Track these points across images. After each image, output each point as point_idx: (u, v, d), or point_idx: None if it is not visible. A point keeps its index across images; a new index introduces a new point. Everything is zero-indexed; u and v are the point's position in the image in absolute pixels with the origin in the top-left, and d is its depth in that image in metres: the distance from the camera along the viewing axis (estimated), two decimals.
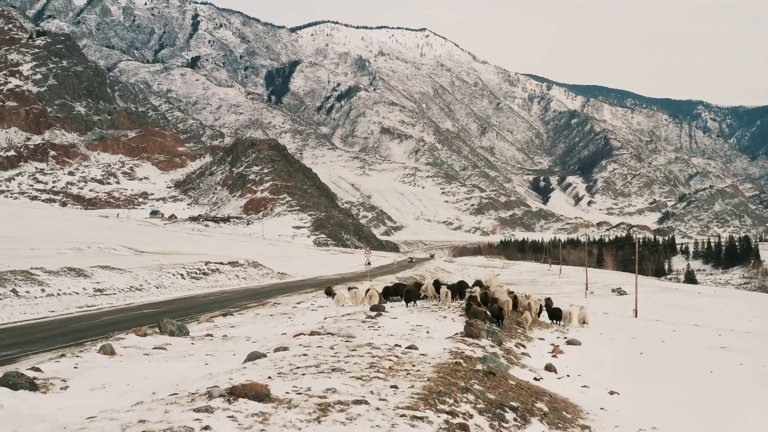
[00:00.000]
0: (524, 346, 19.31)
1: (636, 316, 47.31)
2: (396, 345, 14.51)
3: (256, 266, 66.54)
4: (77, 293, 35.27)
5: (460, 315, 22.11)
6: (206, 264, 55.29)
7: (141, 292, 40.48)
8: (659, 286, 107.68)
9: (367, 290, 29.14)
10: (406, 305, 27.49)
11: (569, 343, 21.95)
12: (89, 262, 47.13)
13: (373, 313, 21.93)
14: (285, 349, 13.22)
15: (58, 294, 34.09)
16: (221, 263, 58.75)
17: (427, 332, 17.83)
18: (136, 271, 44.01)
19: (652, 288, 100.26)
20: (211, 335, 17.81)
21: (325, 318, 22.12)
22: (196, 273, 50.99)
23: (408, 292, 28.03)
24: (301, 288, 51.67)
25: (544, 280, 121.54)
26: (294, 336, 15.36)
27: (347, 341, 14.62)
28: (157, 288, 42.73)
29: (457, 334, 16.93)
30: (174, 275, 47.07)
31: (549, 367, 15.98)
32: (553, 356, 18.55)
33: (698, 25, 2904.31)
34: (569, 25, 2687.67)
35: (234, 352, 14.18)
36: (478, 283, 35.72)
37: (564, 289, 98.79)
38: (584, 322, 29.33)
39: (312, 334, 15.56)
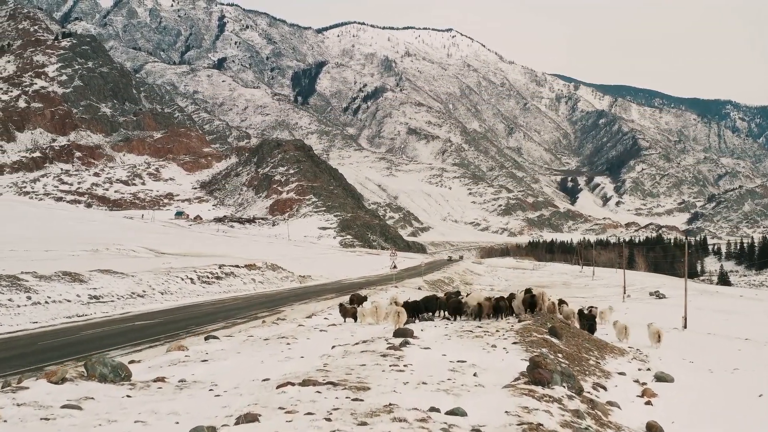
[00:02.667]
0: (604, 387, 14.10)
1: (685, 326, 42.75)
2: (432, 408, 9.25)
3: (275, 269, 62.63)
4: (69, 301, 31.51)
5: (514, 342, 16.35)
6: (220, 267, 51.34)
7: (143, 299, 36.71)
8: (698, 289, 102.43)
9: (393, 303, 25.20)
10: (454, 318, 24.08)
11: (658, 379, 16.63)
12: (97, 265, 43.65)
13: (398, 341, 16.68)
14: (253, 419, 8.20)
15: (46, 302, 30.36)
16: (237, 266, 54.83)
17: (475, 374, 12.58)
18: (140, 276, 40.18)
19: (691, 291, 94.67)
20: (163, 380, 12.15)
21: (334, 347, 16.99)
22: (208, 277, 47.14)
23: (458, 303, 24.17)
24: (320, 294, 47.75)
25: (577, 282, 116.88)
26: (278, 387, 10.38)
27: (356, 399, 9.64)
28: (161, 294, 38.92)
29: (518, 379, 11.70)
30: (182, 280, 43.27)
31: (652, 428, 11.12)
32: (647, 403, 13.64)
33: (726, 24, 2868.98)
34: (594, 25, 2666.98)
35: (179, 417, 9.08)
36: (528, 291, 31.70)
37: (598, 292, 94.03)
38: (658, 340, 24.92)
39: (305, 383, 10.62)
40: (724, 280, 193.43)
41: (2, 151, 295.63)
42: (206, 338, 20.73)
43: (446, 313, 26.96)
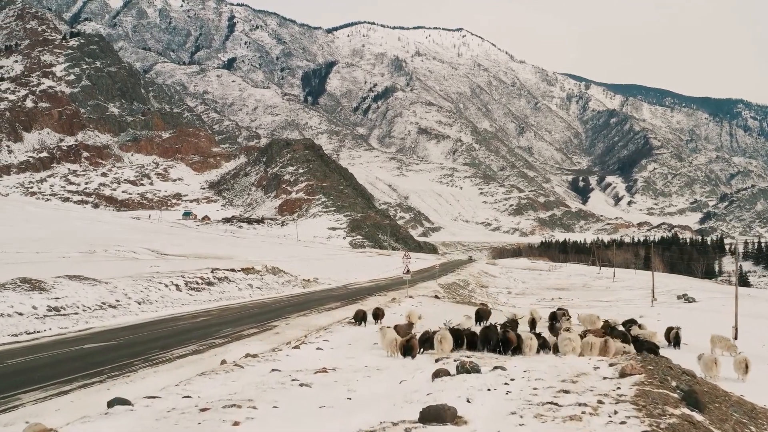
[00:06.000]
0: None
1: (736, 336, 37.80)
2: None
3: (276, 273, 57.61)
4: (20, 314, 26.21)
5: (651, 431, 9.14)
6: (212, 272, 46.05)
7: (115, 310, 31.39)
8: (727, 292, 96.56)
9: (409, 339, 20.16)
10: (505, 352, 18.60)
11: None
12: (84, 268, 39.10)
13: None
14: None
15: None
16: (232, 270, 49.66)
17: None
18: (115, 282, 34.79)
19: (720, 294, 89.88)
20: None
21: None
22: (197, 283, 41.91)
23: (504, 335, 19.16)
24: (323, 302, 42.76)
25: (597, 284, 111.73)
26: None
27: None
28: (139, 304, 33.62)
29: None
30: (166, 286, 38.00)
31: None
32: None
33: (737, 23, 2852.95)
34: (604, 24, 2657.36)
35: None
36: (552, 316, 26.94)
37: (622, 295, 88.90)
38: (746, 372, 20.16)
39: None
40: (743, 280, 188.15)
41: (9, 152, 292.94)
42: (111, 403, 12.62)
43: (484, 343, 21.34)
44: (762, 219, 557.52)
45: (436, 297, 49.89)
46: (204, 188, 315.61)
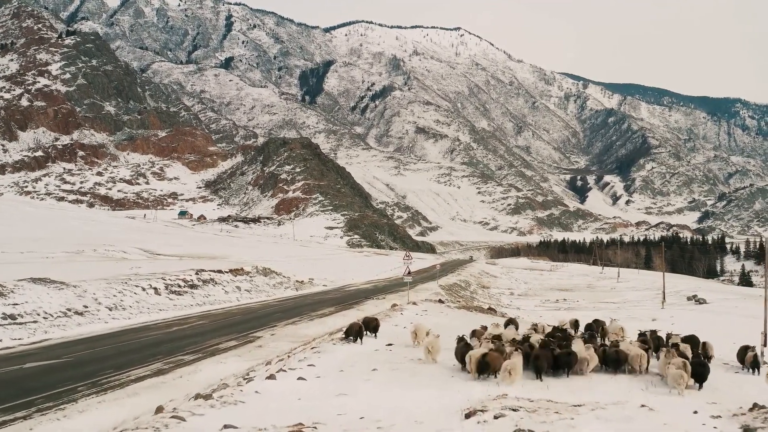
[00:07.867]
0: None
1: (765, 343, 34.66)
2: None
3: (267, 274, 54.31)
4: None
5: None
6: (197, 273, 42.50)
7: (81, 317, 27.83)
8: (741, 293, 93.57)
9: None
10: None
11: None
12: (56, 270, 36.12)
13: None
14: None
15: None
16: (219, 272, 46.18)
17: None
18: (85, 286, 31.10)
19: (730, 294, 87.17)
20: None
21: None
22: (180, 286, 38.46)
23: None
24: (316, 307, 39.65)
25: (601, 285, 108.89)
26: None
27: None
28: (110, 310, 30.08)
29: None
30: (143, 290, 34.57)
31: None
32: None
33: (735, 22, 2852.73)
34: (602, 23, 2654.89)
35: None
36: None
37: (628, 297, 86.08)
38: None
39: None
40: (746, 280, 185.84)
41: (4, 151, 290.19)
42: None
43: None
44: (760, 218, 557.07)
45: (441, 302, 46.52)
46: (200, 187, 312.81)
